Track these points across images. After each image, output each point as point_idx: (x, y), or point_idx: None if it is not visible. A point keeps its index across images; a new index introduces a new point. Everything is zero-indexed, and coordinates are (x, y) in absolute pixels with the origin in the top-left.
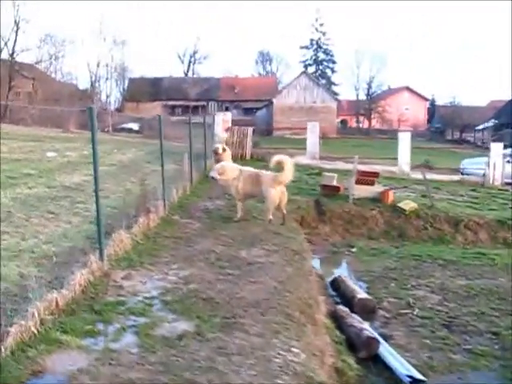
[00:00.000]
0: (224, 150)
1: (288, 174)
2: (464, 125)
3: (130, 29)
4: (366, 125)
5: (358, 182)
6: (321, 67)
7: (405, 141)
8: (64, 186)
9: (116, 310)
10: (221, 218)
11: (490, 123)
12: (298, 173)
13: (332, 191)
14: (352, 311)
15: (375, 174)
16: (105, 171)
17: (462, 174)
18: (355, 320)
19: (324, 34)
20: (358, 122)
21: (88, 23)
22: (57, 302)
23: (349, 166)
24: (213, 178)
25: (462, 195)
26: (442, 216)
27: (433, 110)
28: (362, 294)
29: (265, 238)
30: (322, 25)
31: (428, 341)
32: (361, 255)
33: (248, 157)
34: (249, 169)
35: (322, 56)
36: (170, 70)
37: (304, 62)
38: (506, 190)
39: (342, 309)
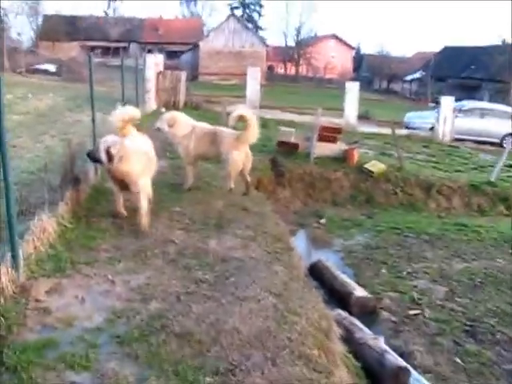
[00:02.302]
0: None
1: (254, 133)
2: (392, 75)
3: None
4: (292, 71)
5: (319, 139)
6: (248, 11)
7: (353, 92)
8: None
9: (42, 360)
10: (167, 186)
11: (418, 74)
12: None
13: (290, 149)
14: (348, 312)
15: (338, 130)
16: (18, 121)
17: (407, 127)
18: (368, 336)
19: None
20: (285, 68)
21: None
22: None
23: (288, 116)
24: (159, 129)
25: (418, 153)
26: (413, 179)
27: (359, 58)
28: (358, 290)
29: (233, 217)
30: None
31: (458, 359)
32: (332, 228)
33: (181, 104)
34: (203, 125)
35: None
36: (89, 8)
37: (230, 4)
38: (457, 147)
39: (342, 314)
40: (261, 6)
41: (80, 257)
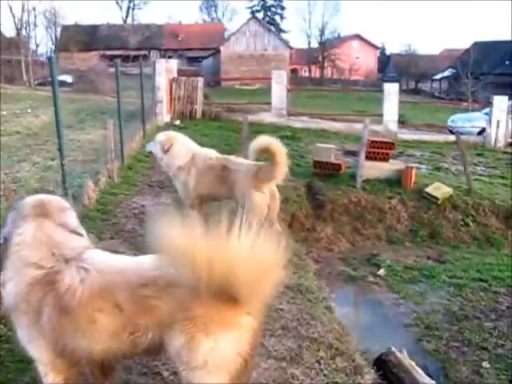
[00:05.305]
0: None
1: (283, 169)
2: (420, 74)
3: None
4: (317, 74)
5: (367, 157)
6: (269, 13)
7: (392, 94)
8: None
9: None
10: None
11: (447, 72)
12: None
13: (330, 170)
14: None
15: (390, 145)
16: (1, 143)
17: (452, 132)
18: None
19: None
20: (309, 71)
21: None
22: None
23: (319, 124)
24: (151, 152)
25: (474, 164)
26: (486, 205)
27: (384, 58)
28: None
29: None
30: None
31: None
32: (395, 283)
33: (199, 115)
34: (208, 152)
35: (270, 1)
36: (107, 17)
37: (251, 7)
38: None
39: None
40: (282, 7)
41: None
